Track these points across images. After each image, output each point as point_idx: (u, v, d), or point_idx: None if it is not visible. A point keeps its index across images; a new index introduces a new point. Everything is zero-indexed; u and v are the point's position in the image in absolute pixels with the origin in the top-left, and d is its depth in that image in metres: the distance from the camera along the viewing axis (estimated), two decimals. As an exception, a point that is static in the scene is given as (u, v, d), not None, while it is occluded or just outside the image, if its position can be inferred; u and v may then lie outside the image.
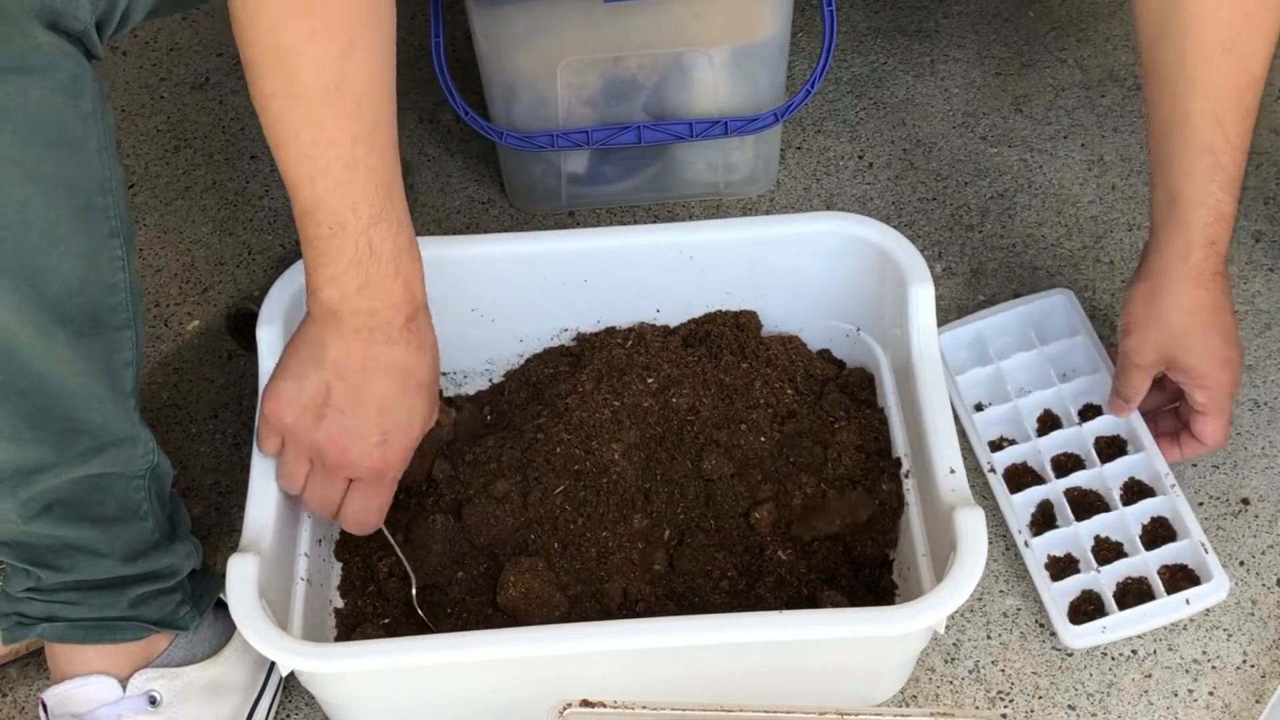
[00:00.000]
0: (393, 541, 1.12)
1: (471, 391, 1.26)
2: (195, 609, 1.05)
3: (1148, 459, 1.19)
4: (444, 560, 1.12)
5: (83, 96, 0.83)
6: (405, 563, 1.11)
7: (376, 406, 0.99)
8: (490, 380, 1.26)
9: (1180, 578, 1.14)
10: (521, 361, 1.26)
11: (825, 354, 1.24)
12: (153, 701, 1.03)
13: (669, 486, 1.13)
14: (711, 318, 1.23)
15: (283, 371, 1.01)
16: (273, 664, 1.10)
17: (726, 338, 1.21)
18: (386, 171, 0.95)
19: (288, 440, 1.02)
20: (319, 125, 0.92)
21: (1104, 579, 1.14)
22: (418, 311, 0.99)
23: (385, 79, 0.94)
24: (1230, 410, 1.15)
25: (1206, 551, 1.14)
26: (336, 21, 0.90)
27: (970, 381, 1.26)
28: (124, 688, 1.02)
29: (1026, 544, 1.16)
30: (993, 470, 1.21)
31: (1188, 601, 1.12)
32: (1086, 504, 1.18)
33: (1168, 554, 1.15)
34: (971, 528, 0.98)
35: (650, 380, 1.18)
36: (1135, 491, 1.19)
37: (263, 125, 0.93)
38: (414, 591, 1.10)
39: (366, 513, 1.05)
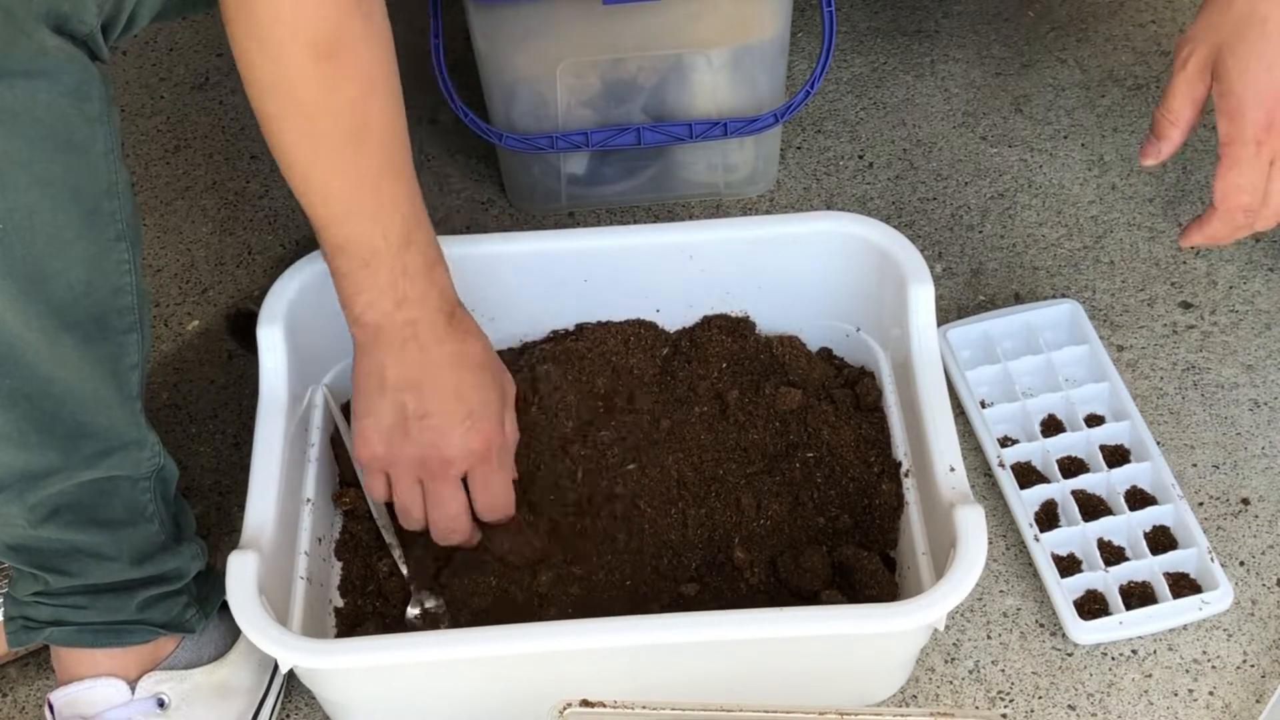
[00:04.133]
0: (392, 542, 1.12)
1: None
2: (201, 611, 1.05)
3: (1153, 468, 1.19)
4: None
5: (89, 100, 0.83)
6: (403, 566, 1.11)
7: (451, 396, 1.02)
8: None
9: (1184, 585, 1.14)
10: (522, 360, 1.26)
11: (825, 354, 1.24)
12: (161, 704, 1.03)
13: (668, 485, 1.14)
14: (711, 317, 1.23)
15: (357, 414, 1.04)
16: (277, 666, 1.10)
17: (726, 338, 1.21)
18: (411, 196, 0.99)
19: (392, 472, 1.05)
20: (345, 167, 0.96)
21: (1110, 579, 1.13)
22: (455, 309, 1.03)
23: (401, 114, 0.98)
24: (1250, 170, 1.00)
25: (1213, 560, 1.14)
26: (352, 67, 0.93)
27: (976, 379, 1.26)
28: (133, 690, 1.02)
29: (1036, 538, 1.16)
30: (1002, 465, 1.20)
31: (1201, 606, 1.12)
32: (1090, 507, 1.18)
33: (1171, 560, 1.15)
34: (972, 524, 0.98)
35: (649, 379, 1.19)
36: (1139, 499, 1.19)
37: (285, 171, 0.96)
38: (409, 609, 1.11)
39: (495, 496, 1.07)
